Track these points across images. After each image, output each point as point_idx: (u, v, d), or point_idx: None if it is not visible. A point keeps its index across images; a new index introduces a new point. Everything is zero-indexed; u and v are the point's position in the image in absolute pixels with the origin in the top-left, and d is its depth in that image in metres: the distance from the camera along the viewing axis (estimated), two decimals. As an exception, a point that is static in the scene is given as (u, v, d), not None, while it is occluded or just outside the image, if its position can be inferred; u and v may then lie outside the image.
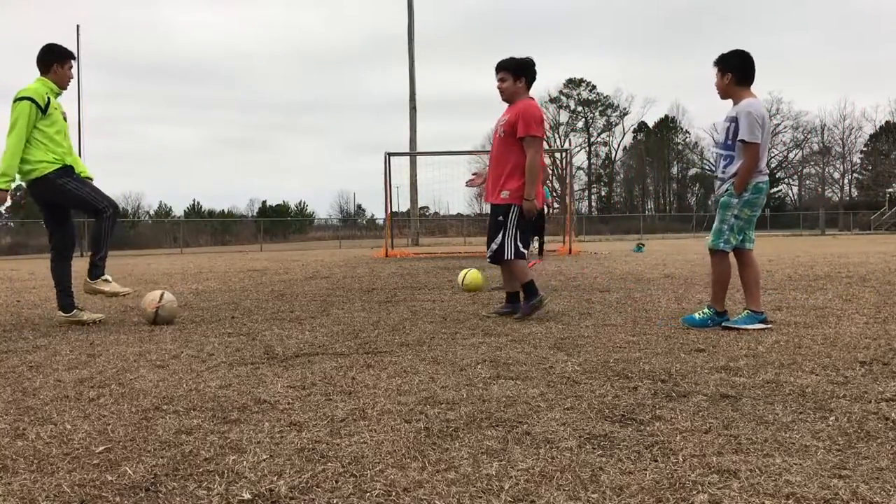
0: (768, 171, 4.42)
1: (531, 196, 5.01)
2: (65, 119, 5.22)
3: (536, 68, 5.15)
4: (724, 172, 4.36)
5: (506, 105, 5.20)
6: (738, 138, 4.21)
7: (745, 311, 4.34)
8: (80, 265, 5.39)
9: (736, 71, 4.33)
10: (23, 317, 5.74)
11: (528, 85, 5.15)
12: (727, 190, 4.32)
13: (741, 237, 4.36)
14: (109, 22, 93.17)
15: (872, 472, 1.86)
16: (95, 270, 5.17)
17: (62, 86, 5.19)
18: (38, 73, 5.11)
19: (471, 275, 7.16)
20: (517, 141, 4.99)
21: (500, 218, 5.06)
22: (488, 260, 5.22)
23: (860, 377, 2.94)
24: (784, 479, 1.82)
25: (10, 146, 4.87)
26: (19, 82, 5.12)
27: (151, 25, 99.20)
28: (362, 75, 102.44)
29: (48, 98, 5.00)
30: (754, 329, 4.18)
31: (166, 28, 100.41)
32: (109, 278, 5.28)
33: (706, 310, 4.40)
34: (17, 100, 4.91)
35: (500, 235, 5.06)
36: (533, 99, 5.14)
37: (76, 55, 5.27)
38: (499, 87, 5.14)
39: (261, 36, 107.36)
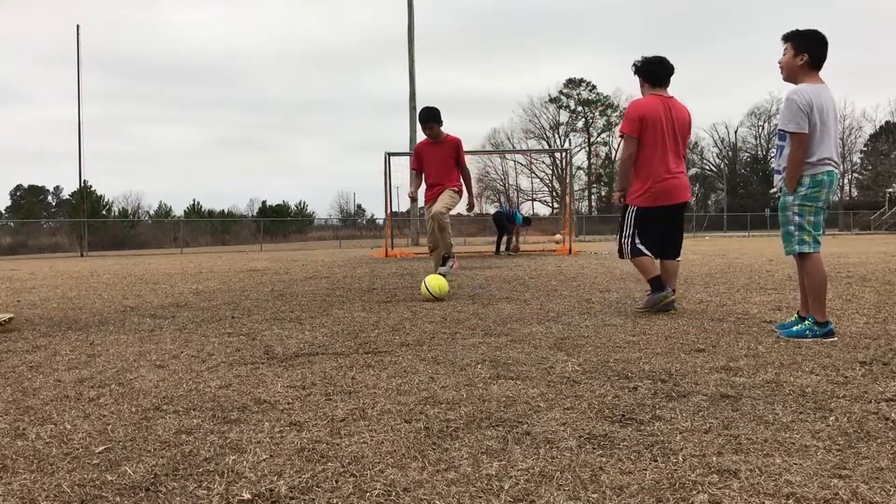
0: (833, 162, 3.92)
1: (620, 188, 5.27)
2: None
3: (649, 64, 5.13)
4: (778, 164, 4.03)
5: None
6: (779, 127, 3.91)
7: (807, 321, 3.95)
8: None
9: (814, 53, 3.91)
10: (23, 317, 5.74)
11: (650, 83, 5.16)
12: (781, 188, 4.00)
13: (818, 232, 3.94)
14: (109, 22, 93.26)
15: (872, 472, 1.86)
16: None
17: None
18: None
19: (430, 282, 6.41)
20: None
21: (621, 219, 5.25)
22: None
23: (860, 377, 2.94)
24: (784, 479, 1.82)
25: None
26: (19, 82, 5.02)
27: (151, 25, 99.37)
28: (362, 75, 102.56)
29: None
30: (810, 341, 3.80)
31: (166, 28, 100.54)
32: None
33: (808, 320, 3.92)
34: None
35: (618, 236, 5.30)
36: (651, 96, 5.10)
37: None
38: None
39: (261, 36, 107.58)
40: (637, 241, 5.14)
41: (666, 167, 5.06)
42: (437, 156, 7.18)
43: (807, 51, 3.92)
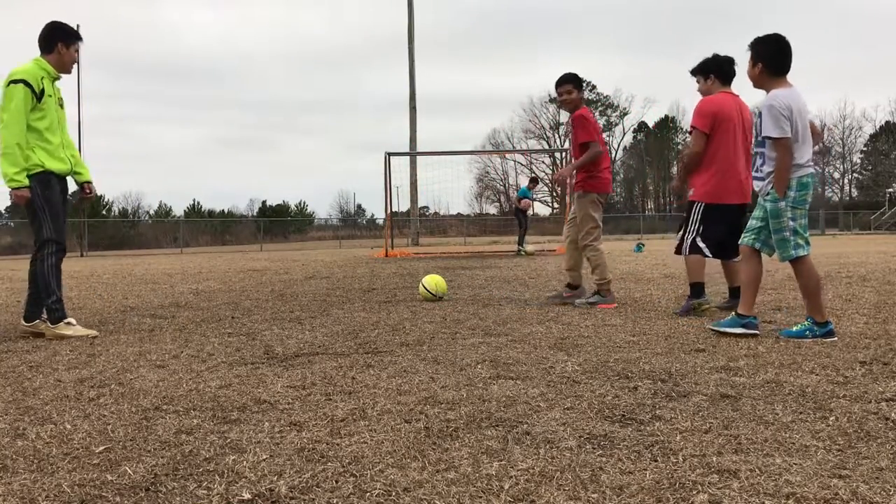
0: (812, 163, 4.01)
1: (680, 181, 5.16)
2: (62, 106, 4.69)
3: (724, 63, 5.11)
4: (759, 171, 4.08)
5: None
6: (763, 135, 3.93)
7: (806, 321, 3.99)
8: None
9: (768, 62, 3.96)
10: (23, 317, 5.73)
11: (722, 80, 5.11)
12: (769, 195, 3.98)
13: (807, 234, 3.99)
14: (109, 22, 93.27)
15: (872, 472, 1.86)
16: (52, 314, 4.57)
17: (63, 69, 4.63)
18: (37, 52, 4.60)
19: (427, 282, 6.38)
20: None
21: (685, 214, 5.19)
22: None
23: (860, 377, 2.94)
24: (784, 479, 1.82)
25: (6, 138, 4.34)
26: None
27: (151, 25, 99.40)
28: (362, 75, 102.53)
29: (43, 83, 4.46)
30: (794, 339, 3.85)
31: (166, 28, 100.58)
32: (73, 321, 4.67)
33: (806, 321, 3.95)
34: (11, 83, 4.38)
35: (682, 231, 5.21)
36: (726, 93, 5.08)
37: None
38: (698, 89, 5.26)
39: (261, 36, 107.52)
40: (698, 238, 5.05)
41: (736, 165, 5.02)
42: (573, 138, 6.00)
43: (760, 59, 3.97)
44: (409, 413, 2.52)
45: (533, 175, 19.96)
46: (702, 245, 5.04)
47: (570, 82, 5.84)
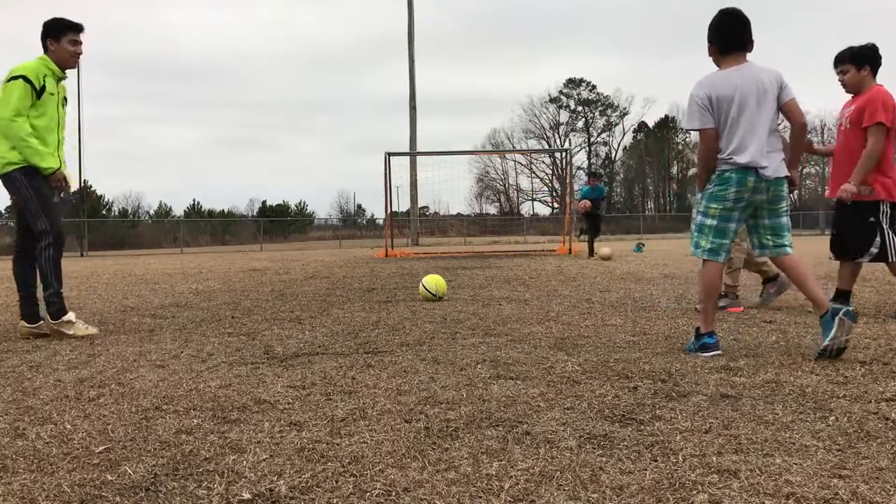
0: (740, 159, 3.46)
1: (856, 180, 4.61)
2: (64, 104, 4.65)
3: (879, 53, 4.86)
4: None
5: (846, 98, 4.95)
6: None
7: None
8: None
9: (713, 40, 3.66)
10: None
11: (874, 71, 4.86)
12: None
13: (723, 240, 3.56)
14: (109, 22, 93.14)
15: (872, 472, 1.86)
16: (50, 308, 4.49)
17: (65, 65, 4.52)
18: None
19: (427, 281, 6.37)
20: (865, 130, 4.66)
21: (872, 218, 4.69)
22: (864, 260, 4.84)
23: (860, 377, 2.94)
24: (784, 479, 1.82)
25: (12, 135, 4.30)
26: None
27: (151, 25, 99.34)
28: (362, 75, 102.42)
29: (44, 81, 4.39)
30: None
31: (166, 28, 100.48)
32: (73, 316, 4.60)
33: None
34: (11, 79, 4.33)
35: (878, 237, 4.68)
36: (881, 85, 4.83)
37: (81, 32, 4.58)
38: (840, 80, 4.93)
39: (261, 36, 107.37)
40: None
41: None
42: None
43: (709, 41, 3.67)
44: (409, 413, 2.52)
45: (592, 171, 17.98)
46: None
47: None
